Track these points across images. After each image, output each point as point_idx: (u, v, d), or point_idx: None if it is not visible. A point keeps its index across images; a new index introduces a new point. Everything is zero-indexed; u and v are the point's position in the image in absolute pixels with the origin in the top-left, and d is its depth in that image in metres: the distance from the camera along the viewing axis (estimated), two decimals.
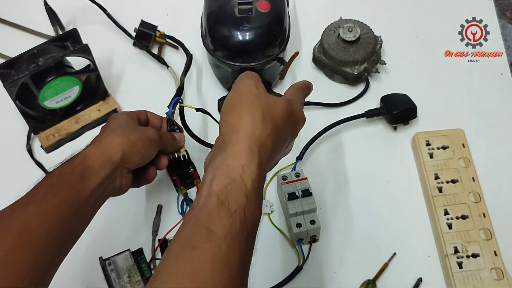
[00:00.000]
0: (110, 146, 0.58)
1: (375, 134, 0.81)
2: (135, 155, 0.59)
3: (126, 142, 0.59)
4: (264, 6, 0.77)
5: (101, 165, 0.57)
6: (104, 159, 0.57)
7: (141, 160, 0.61)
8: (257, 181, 0.47)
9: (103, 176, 0.56)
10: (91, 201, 0.56)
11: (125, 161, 0.59)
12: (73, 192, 0.54)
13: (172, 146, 0.67)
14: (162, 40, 0.88)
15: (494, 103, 0.83)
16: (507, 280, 0.67)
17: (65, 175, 0.55)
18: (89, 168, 0.56)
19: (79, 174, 0.55)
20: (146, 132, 0.62)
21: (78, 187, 0.55)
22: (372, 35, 0.84)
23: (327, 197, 0.75)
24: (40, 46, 0.75)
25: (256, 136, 0.49)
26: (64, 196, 0.54)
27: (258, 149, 0.48)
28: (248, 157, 0.47)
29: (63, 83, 0.76)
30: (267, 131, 0.50)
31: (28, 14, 0.92)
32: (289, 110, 0.53)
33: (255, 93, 0.52)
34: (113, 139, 0.59)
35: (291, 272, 0.69)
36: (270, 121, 0.50)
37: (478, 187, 0.74)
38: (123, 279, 0.68)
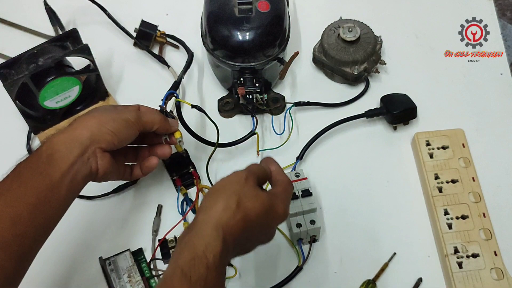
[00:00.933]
0: (77, 128, 0.59)
1: (375, 134, 0.81)
2: (105, 134, 0.60)
3: (95, 123, 0.60)
4: (264, 6, 0.77)
5: (69, 148, 0.57)
6: (72, 142, 0.58)
7: (114, 138, 0.61)
8: (219, 256, 0.50)
9: (71, 159, 0.57)
10: (63, 185, 0.57)
11: (95, 141, 0.59)
12: (41, 178, 0.56)
13: (161, 127, 0.67)
14: (162, 39, 0.88)
15: (494, 103, 0.83)
16: (507, 280, 0.67)
17: (31, 163, 0.57)
18: (56, 152, 0.57)
19: (46, 159, 0.56)
20: (121, 112, 0.63)
21: (46, 172, 0.56)
22: (372, 35, 0.84)
23: (327, 197, 0.75)
24: (40, 46, 0.75)
25: (224, 221, 0.52)
26: (31, 183, 0.55)
27: (223, 231, 0.51)
28: (212, 237, 0.51)
29: (63, 83, 0.76)
30: (236, 218, 0.53)
31: (28, 14, 0.92)
32: (268, 206, 0.55)
33: (241, 183, 0.55)
34: (81, 122, 0.60)
35: (291, 272, 0.69)
36: (243, 210, 0.53)
37: (478, 187, 0.74)
38: (123, 279, 0.68)
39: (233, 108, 0.82)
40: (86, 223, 0.74)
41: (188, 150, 0.78)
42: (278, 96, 0.83)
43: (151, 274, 0.69)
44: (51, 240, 0.72)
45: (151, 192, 0.77)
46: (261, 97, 0.78)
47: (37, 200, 0.55)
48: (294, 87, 0.86)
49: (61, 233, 0.73)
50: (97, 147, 0.60)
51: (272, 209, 0.56)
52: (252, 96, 0.78)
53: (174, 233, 0.71)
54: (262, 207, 0.55)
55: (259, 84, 0.78)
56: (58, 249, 0.72)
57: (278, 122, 0.82)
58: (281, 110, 0.82)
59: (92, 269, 0.70)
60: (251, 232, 0.55)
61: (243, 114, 0.82)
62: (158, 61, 0.87)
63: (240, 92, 0.76)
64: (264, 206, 0.55)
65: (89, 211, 0.75)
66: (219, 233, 0.51)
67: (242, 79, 0.78)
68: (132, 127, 0.63)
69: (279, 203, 0.57)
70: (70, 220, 0.74)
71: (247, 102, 0.78)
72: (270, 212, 0.56)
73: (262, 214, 0.55)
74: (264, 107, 0.80)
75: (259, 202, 0.55)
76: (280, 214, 0.57)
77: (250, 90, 0.77)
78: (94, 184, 0.76)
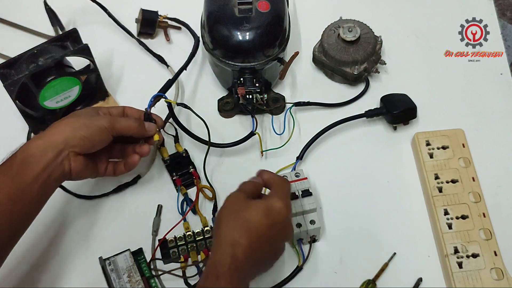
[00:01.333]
0: (52, 134, 0.64)
1: (375, 134, 0.81)
2: (78, 139, 0.64)
3: (69, 129, 0.64)
4: (264, 6, 0.77)
5: (43, 152, 0.62)
6: (46, 146, 0.62)
7: (87, 143, 0.65)
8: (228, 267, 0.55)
9: (44, 162, 0.61)
10: (35, 188, 0.61)
11: (69, 145, 0.63)
12: (13, 181, 0.60)
13: (137, 132, 0.70)
14: (165, 24, 0.90)
15: (494, 103, 0.83)
16: (507, 280, 0.67)
17: (5, 166, 0.61)
18: (30, 157, 0.61)
19: (19, 163, 0.61)
20: (96, 120, 0.66)
21: (18, 176, 0.60)
22: (372, 35, 0.84)
23: (327, 197, 0.75)
24: (40, 46, 0.75)
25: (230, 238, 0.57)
26: (3, 187, 0.60)
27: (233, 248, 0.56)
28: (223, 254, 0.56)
29: (63, 83, 0.76)
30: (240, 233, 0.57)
31: (28, 14, 0.92)
32: (264, 208, 0.59)
33: (233, 202, 0.60)
34: (56, 127, 0.65)
35: (291, 272, 0.69)
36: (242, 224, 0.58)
37: (478, 187, 0.74)
38: (123, 279, 0.68)
39: (233, 108, 0.82)
40: (86, 223, 0.74)
41: (188, 150, 0.78)
42: (278, 96, 0.83)
43: (151, 274, 0.69)
44: (51, 240, 0.72)
45: (151, 192, 0.76)
46: (261, 97, 0.78)
47: (8, 200, 0.59)
48: (294, 87, 0.86)
49: (61, 233, 0.73)
50: (71, 151, 0.64)
51: (270, 209, 0.59)
52: (252, 96, 0.78)
53: (174, 233, 0.71)
54: (258, 211, 0.58)
55: (259, 84, 0.78)
56: (58, 249, 0.72)
57: (278, 122, 0.81)
58: (281, 110, 0.82)
59: (92, 269, 0.70)
60: (261, 241, 0.57)
61: (243, 114, 0.82)
62: (158, 61, 0.87)
63: (240, 92, 0.76)
64: (260, 210, 0.58)
65: (89, 211, 0.75)
66: (228, 250, 0.56)
67: (242, 79, 0.78)
68: (105, 133, 0.67)
69: (275, 200, 0.60)
70: (70, 220, 0.74)
71: (247, 102, 0.78)
72: (269, 212, 0.59)
73: (262, 219, 0.58)
74: (264, 107, 0.80)
75: (254, 210, 0.58)
76: (280, 210, 0.59)
77: (250, 90, 0.77)
78: (94, 184, 0.76)
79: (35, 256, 0.71)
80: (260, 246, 0.57)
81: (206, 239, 0.71)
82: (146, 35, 0.90)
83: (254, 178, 0.65)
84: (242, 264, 0.56)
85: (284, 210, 0.60)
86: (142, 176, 0.77)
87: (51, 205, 0.74)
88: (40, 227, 0.72)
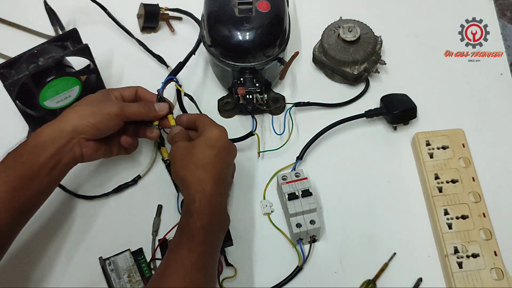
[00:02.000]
0: (61, 121, 0.65)
1: (375, 134, 0.81)
2: (86, 127, 0.66)
3: (77, 117, 0.66)
4: (264, 6, 0.77)
5: (53, 139, 0.64)
6: (55, 134, 0.64)
7: (95, 131, 0.67)
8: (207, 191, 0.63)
9: (54, 149, 0.64)
10: (44, 173, 0.63)
11: (78, 132, 0.65)
12: (23, 167, 0.62)
13: (146, 117, 0.72)
14: (167, 16, 0.91)
15: (494, 103, 0.83)
16: (507, 280, 0.67)
17: (16, 153, 0.63)
18: (41, 143, 0.63)
19: (30, 150, 0.63)
20: (106, 107, 0.68)
21: (28, 162, 0.62)
22: (372, 35, 0.84)
23: (327, 197, 0.75)
24: (40, 46, 0.75)
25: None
26: (13, 171, 0.62)
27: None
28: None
29: (63, 83, 0.76)
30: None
31: (28, 14, 0.92)
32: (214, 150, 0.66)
33: (186, 153, 0.66)
34: (65, 115, 0.66)
35: (291, 272, 0.69)
36: (193, 158, 0.65)
37: (478, 187, 0.74)
38: (123, 279, 0.68)
39: (233, 108, 0.82)
40: (86, 223, 0.74)
41: None
42: (278, 96, 0.83)
43: (151, 274, 0.69)
44: (51, 240, 0.72)
45: (151, 192, 0.77)
46: (261, 97, 0.78)
47: (17, 184, 0.61)
48: (294, 87, 0.86)
49: (61, 233, 0.73)
50: (81, 137, 0.66)
51: (210, 139, 0.66)
52: (252, 96, 0.78)
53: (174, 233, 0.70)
54: (203, 147, 0.65)
55: (259, 84, 0.78)
56: (58, 249, 0.72)
57: (278, 122, 0.81)
58: (281, 110, 0.82)
59: (92, 269, 0.70)
60: (218, 168, 0.65)
61: (243, 114, 0.82)
62: (157, 61, 0.87)
63: (240, 92, 0.76)
64: (203, 145, 0.65)
65: (89, 211, 0.75)
66: (196, 187, 0.63)
67: (242, 79, 0.78)
68: (115, 120, 0.68)
69: (209, 131, 0.66)
70: (70, 220, 0.74)
71: (247, 102, 0.78)
72: (211, 142, 0.65)
73: (209, 151, 0.65)
74: (264, 107, 0.80)
75: (199, 147, 0.65)
76: (218, 135, 0.66)
77: (250, 90, 0.77)
78: (94, 184, 0.76)
79: (35, 256, 0.71)
80: (220, 172, 0.65)
81: None
82: (149, 29, 0.91)
83: (176, 127, 0.70)
84: (211, 194, 0.62)
85: (221, 134, 0.67)
86: (142, 176, 0.77)
87: (51, 205, 0.74)
88: (40, 227, 0.73)
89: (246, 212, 0.74)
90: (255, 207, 0.75)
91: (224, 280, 0.69)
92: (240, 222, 0.73)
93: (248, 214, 0.74)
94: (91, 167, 0.78)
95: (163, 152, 0.78)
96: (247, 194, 0.76)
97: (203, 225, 0.61)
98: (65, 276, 0.70)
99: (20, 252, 0.71)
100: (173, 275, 0.58)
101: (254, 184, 0.77)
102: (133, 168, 0.78)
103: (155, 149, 0.78)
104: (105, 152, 0.71)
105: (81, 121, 0.65)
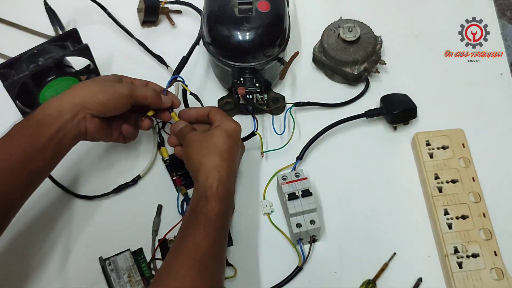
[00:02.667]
0: (70, 95, 0.66)
1: (375, 134, 0.81)
2: (96, 103, 0.66)
3: (87, 92, 0.66)
4: (264, 6, 0.77)
5: (60, 112, 0.64)
6: (63, 107, 0.64)
7: (104, 108, 0.67)
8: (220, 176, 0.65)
9: (60, 122, 0.64)
10: (49, 146, 0.63)
11: (85, 108, 0.65)
12: (29, 140, 0.62)
13: (153, 102, 0.72)
14: (166, 9, 0.91)
15: (494, 103, 0.83)
16: (507, 280, 0.67)
17: (23, 126, 0.63)
18: (47, 116, 0.63)
19: (36, 123, 0.63)
20: (115, 86, 0.69)
21: (35, 135, 0.62)
22: (372, 35, 0.84)
23: (327, 197, 0.75)
24: (40, 46, 0.75)
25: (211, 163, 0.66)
26: (19, 145, 0.62)
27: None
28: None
29: (63, 83, 0.76)
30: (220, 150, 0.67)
31: (28, 14, 0.92)
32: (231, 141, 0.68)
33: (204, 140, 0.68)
34: (75, 89, 0.67)
35: (291, 272, 0.69)
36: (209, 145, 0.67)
37: (478, 187, 0.74)
38: (123, 279, 0.68)
39: (233, 108, 0.82)
40: (86, 223, 0.74)
41: None
42: (278, 96, 0.83)
43: (151, 274, 0.69)
44: (51, 240, 0.72)
45: (151, 192, 0.76)
46: (261, 97, 0.78)
47: (22, 157, 0.61)
48: (294, 87, 0.86)
49: (61, 233, 0.73)
50: (87, 113, 0.65)
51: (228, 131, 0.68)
52: (252, 96, 0.78)
53: (174, 233, 0.70)
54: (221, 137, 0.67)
55: (259, 84, 0.78)
56: (58, 249, 0.72)
57: (278, 122, 0.81)
58: (281, 110, 0.82)
59: (92, 269, 0.70)
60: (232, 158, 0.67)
61: (243, 114, 0.82)
62: (157, 61, 0.87)
63: (240, 92, 0.76)
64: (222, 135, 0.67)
65: (89, 211, 0.75)
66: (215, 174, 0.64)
67: (242, 79, 0.78)
68: (124, 100, 0.68)
69: (227, 123, 0.69)
70: (70, 220, 0.74)
71: (247, 102, 0.78)
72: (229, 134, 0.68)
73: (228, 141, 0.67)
74: (264, 107, 0.80)
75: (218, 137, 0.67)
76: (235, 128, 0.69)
77: (250, 90, 0.77)
78: (94, 184, 0.76)
79: (35, 255, 0.71)
80: (233, 162, 0.68)
81: None
82: (149, 23, 0.91)
83: (181, 122, 0.72)
84: (225, 182, 0.64)
85: (238, 128, 0.70)
86: (142, 176, 0.77)
87: (51, 205, 0.74)
88: (40, 227, 0.73)
89: (246, 212, 0.74)
90: (255, 207, 0.75)
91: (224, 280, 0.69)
92: (240, 222, 0.73)
93: (248, 214, 0.74)
94: (92, 167, 0.78)
95: (163, 152, 0.78)
96: (247, 194, 0.76)
97: (220, 211, 0.62)
98: (65, 276, 0.70)
99: (20, 251, 0.71)
100: (186, 260, 0.59)
101: (254, 184, 0.77)
102: (133, 168, 0.78)
103: (155, 149, 0.78)
104: (106, 134, 0.71)
105: (91, 97, 0.66)
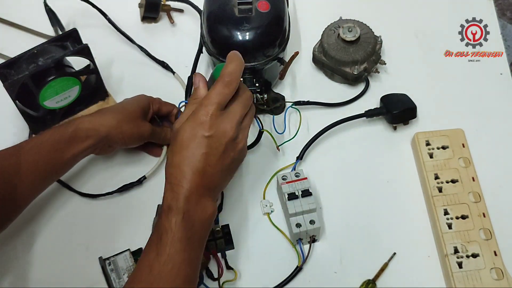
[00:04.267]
0: (100, 124, 0.69)
1: (375, 134, 0.81)
2: (118, 139, 0.71)
3: (115, 127, 0.70)
4: (264, 6, 0.77)
5: (87, 137, 0.68)
6: (91, 133, 0.68)
7: (125, 144, 0.73)
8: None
9: (86, 146, 0.68)
10: (70, 162, 0.69)
11: (108, 139, 0.70)
12: (56, 154, 0.66)
13: (164, 141, 0.78)
14: (167, 7, 0.91)
15: (494, 103, 0.83)
16: (507, 280, 0.67)
17: (54, 137, 0.67)
18: (77, 137, 0.67)
19: (67, 140, 0.67)
20: (140, 127, 0.73)
21: (62, 150, 0.66)
22: (372, 35, 0.84)
23: (327, 197, 0.75)
24: (40, 46, 0.75)
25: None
26: (45, 156, 0.65)
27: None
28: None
29: (63, 83, 0.76)
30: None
31: (28, 14, 0.92)
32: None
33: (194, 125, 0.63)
34: (106, 119, 0.70)
35: (291, 272, 0.69)
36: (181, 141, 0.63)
37: (478, 187, 0.74)
38: (123, 279, 0.68)
39: None
40: (87, 221, 0.74)
41: None
42: (278, 96, 0.83)
43: None
44: (51, 240, 0.72)
45: (155, 194, 0.76)
46: (261, 97, 0.78)
47: (45, 171, 0.66)
48: (294, 87, 0.86)
49: (62, 232, 0.73)
50: (107, 144, 0.71)
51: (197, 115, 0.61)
52: None
53: None
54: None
55: (259, 84, 0.78)
56: (59, 248, 0.72)
57: (279, 122, 0.81)
58: (281, 110, 0.82)
59: (92, 269, 0.70)
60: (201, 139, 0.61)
61: None
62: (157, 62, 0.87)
63: None
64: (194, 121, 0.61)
65: (91, 210, 0.75)
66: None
67: (242, 79, 0.78)
68: (142, 141, 0.75)
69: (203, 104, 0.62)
70: (72, 218, 0.74)
71: None
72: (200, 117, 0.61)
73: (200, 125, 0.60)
74: (264, 107, 0.80)
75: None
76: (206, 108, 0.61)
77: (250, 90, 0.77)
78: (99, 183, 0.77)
79: (34, 255, 0.71)
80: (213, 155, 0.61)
81: (209, 240, 0.70)
82: (150, 19, 0.91)
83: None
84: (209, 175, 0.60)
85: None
86: (148, 177, 0.77)
87: (54, 202, 0.75)
88: (43, 224, 0.73)
89: (246, 212, 0.74)
90: (255, 207, 0.75)
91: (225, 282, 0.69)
92: (240, 222, 0.73)
93: (248, 214, 0.74)
94: (98, 166, 0.78)
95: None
96: (247, 194, 0.76)
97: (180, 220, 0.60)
98: (65, 276, 0.70)
99: (20, 251, 0.71)
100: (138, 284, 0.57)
101: (254, 184, 0.77)
102: (139, 169, 0.78)
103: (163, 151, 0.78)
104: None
105: (116, 132, 0.70)
